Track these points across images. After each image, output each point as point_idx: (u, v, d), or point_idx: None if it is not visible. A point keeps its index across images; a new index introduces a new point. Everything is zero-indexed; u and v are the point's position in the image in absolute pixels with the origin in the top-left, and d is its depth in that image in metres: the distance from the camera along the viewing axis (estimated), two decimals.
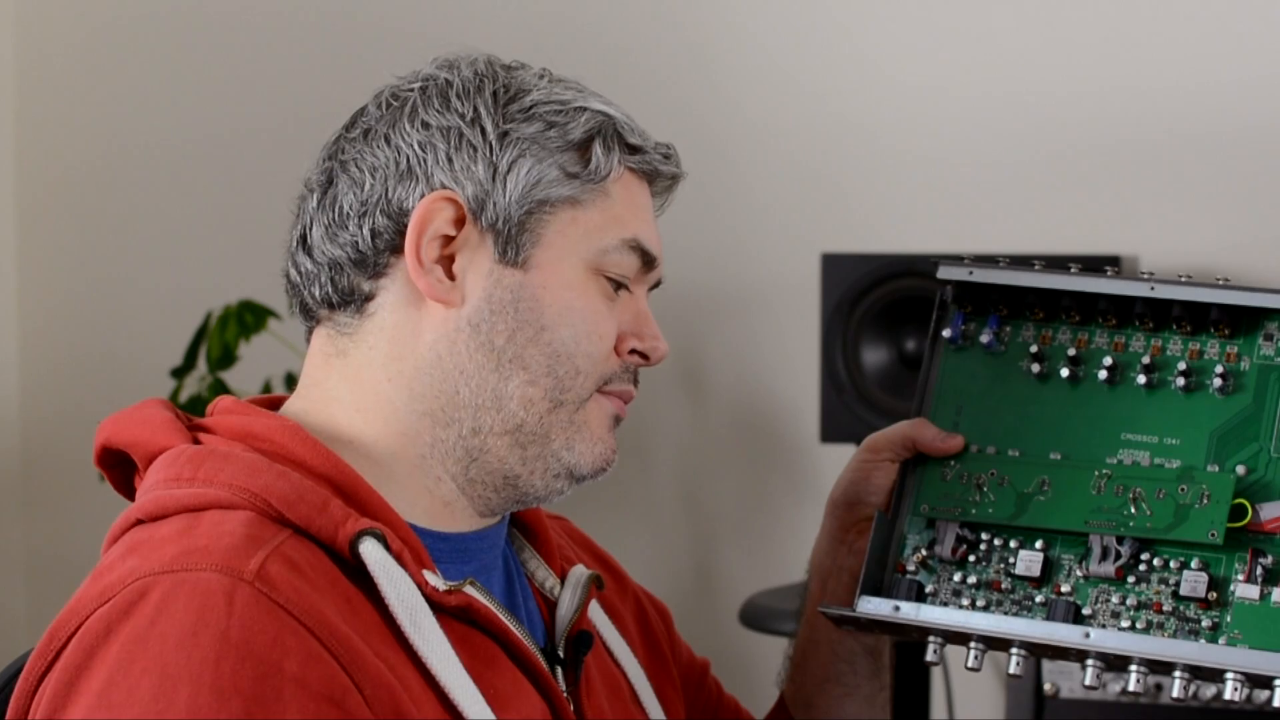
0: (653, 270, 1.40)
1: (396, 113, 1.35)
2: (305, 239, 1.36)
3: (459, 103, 1.34)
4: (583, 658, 1.39)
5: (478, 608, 1.30)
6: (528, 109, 1.34)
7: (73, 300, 3.35)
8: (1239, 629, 1.36)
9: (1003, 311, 1.51)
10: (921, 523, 1.47)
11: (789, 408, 2.91)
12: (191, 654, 1.15)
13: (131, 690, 1.14)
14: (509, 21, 3.05)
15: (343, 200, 1.34)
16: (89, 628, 1.19)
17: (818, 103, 2.90)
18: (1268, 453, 1.40)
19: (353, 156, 1.35)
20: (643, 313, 1.39)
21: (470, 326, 1.32)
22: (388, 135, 1.34)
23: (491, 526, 1.39)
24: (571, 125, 1.34)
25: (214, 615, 1.16)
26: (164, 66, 3.27)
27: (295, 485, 1.26)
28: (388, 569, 1.25)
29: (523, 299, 1.33)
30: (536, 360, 1.32)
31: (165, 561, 1.20)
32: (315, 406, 1.36)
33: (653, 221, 1.40)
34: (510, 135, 1.33)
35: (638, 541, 2.99)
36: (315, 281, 1.35)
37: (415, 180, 1.33)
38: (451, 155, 1.33)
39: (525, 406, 1.33)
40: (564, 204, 1.34)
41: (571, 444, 1.35)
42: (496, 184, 1.32)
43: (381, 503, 1.29)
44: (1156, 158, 2.71)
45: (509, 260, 1.33)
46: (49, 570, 3.34)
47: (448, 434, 1.33)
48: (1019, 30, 2.80)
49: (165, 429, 1.32)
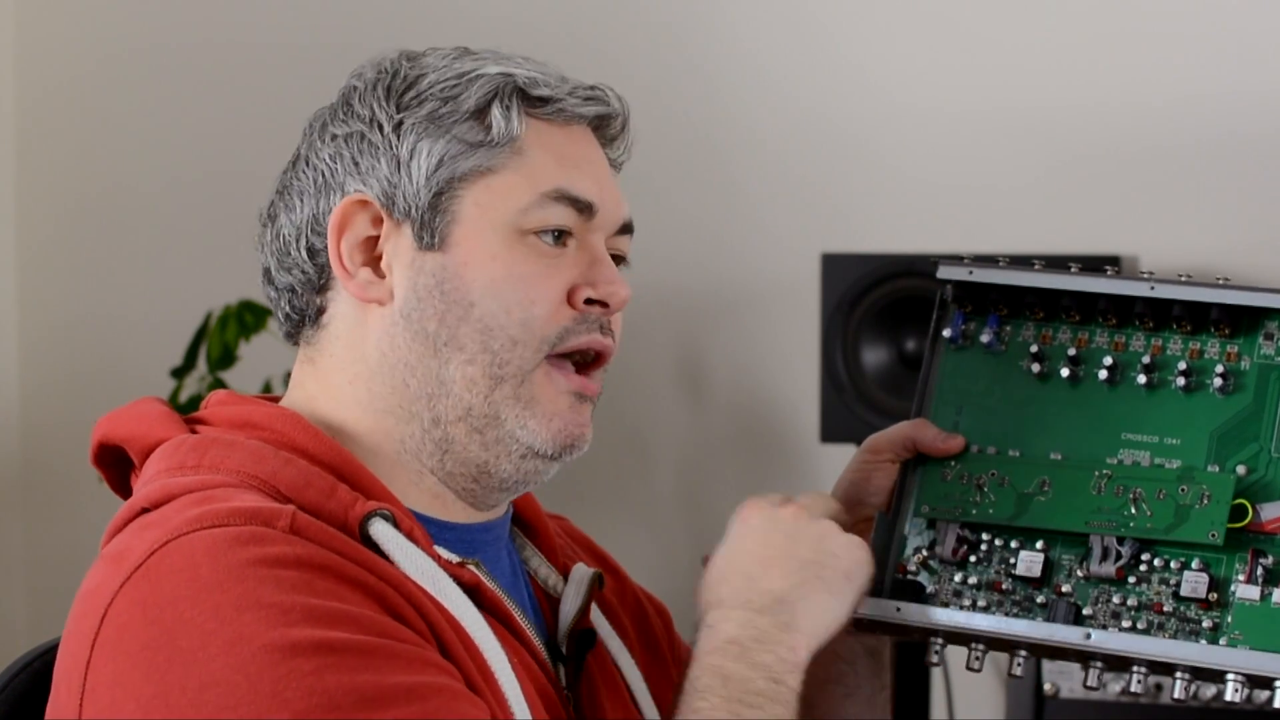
0: (594, 215, 1.37)
1: (314, 133, 1.38)
2: (267, 271, 1.39)
3: (359, 107, 1.36)
4: (585, 655, 1.40)
5: (485, 590, 1.30)
6: (421, 93, 1.35)
7: (73, 300, 3.35)
8: (1239, 630, 1.36)
9: (1003, 311, 1.50)
10: (922, 523, 1.47)
11: (789, 408, 2.91)
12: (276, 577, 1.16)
13: (238, 630, 1.14)
14: (507, 25, 3.05)
15: (283, 230, 1.37)
16: (134, 600, 1.18)
17: (818, 103, 2.90)
18: (1268, 453, 1.40)
19: (286, 185, 1.38)
20: (597, 259, 1.36)
21: (404, 318, 1.33)
22: (308, 157, 1.37)
23: (496, 519, 1.39)
24: (464, 96, 1.34)
25: (273, 545, 1.18)
26: (164, 67, 3.27)
27: (302, 470, 1.27)
28: (401, 544, 1.26)
29: (446, 280, 1.33)
30: (470, 338, 1.32)
31: (189, 521, 1.20)
32: (301, 404, 1.38)
33: (587, 166, 1.38)
34: (405, 123, 1.34)
35: (638, 541, 2.99)
36: (278, 307, 1.39)
37: (332, 192, 1.35)
38: (357, 159, 1.35)
39: (468, 388, 1.33)
40: (475, 175, 1.33)
41: (524, 421, 1.34)
42: (401, 174, 1.33)
43: (384, 489, 1.30)
44: (1156, 158, 2.71)
45: (427, 245, 1.33)
46: (49, 570, 3.34)
47: (412, 429, 1.34)
48: (1019, 31, 2.80)
49: (161, 422, 1.33)
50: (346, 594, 1.18)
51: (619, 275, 1.37)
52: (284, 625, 1.14)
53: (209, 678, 1.14)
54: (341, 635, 1.15)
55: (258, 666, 1.13)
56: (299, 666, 1.13)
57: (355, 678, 1.14)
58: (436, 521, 1.34)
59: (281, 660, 1.13)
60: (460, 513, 1.37)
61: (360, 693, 1.13)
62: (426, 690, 1.16)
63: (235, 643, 1.14)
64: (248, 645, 1.14)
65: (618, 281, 1.37)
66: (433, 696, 1.16)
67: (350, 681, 1.13)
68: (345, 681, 1.13)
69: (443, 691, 1.17)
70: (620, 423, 2.98)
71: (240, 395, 1.37)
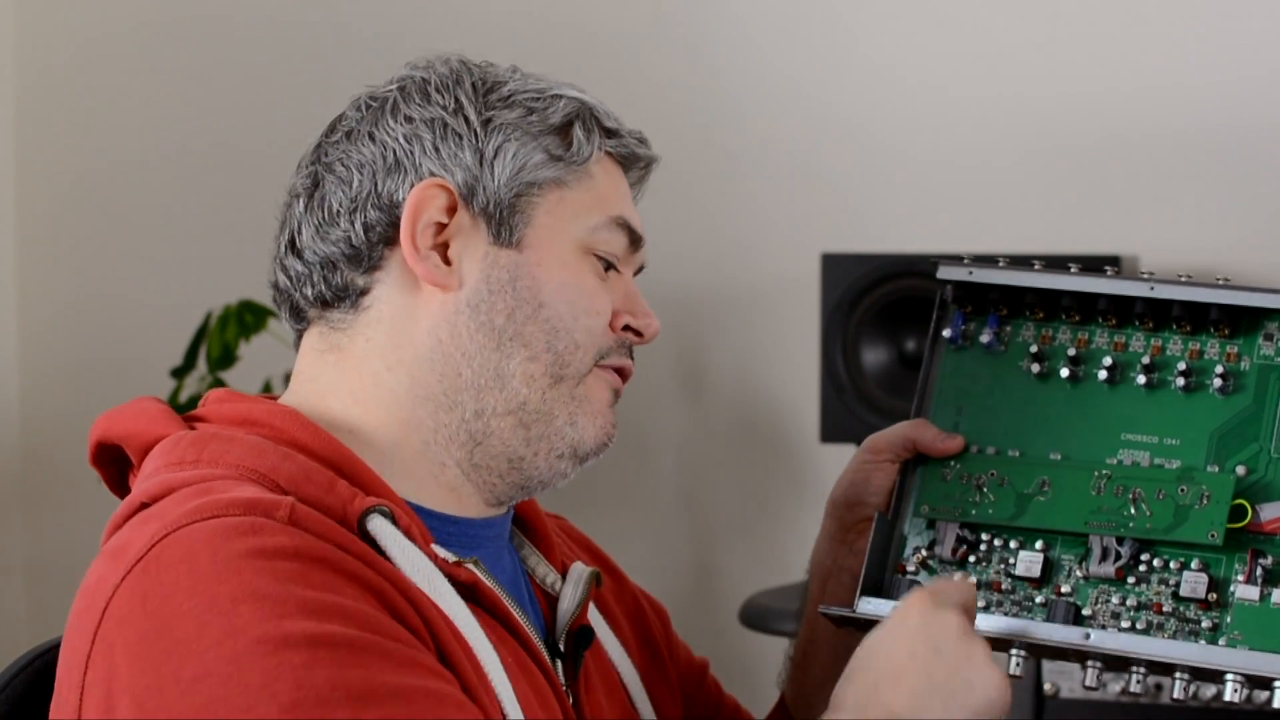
0: (638, 251, 1.42)
1: (377, 112, 1.38)
2: (294, 242, 1.38)
3: (439, 95, 1.37)
4: (582, 653, 1.40)
5: (483, 589, 1.30)
6: (506, 97, 1.38)
7: (73, 300, 3.35)
8: (1239, 630, 1.36)
9: (1003, 311, 1.51)
10: (922, 523, 1.47)
11: (789, 408, 2.91)
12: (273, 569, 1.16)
13: (232, 621, 1.14)
14: (509, 22, 3.05)
15: (331, 199, 1.36)
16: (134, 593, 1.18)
17: (818, 103, 2.90)
18: (1268, 453, 1.40)
19: (337, 157, 1.37)
20: (633, 291, 1.42)
21: (470, 308, 1.34)
22: (371, 133, 1.37)
23: (498, 516, 1.40)
24: (551, 110, 1.38)
25: (271, 536, 1.18)
26: (164, 66, 3.27)
27: (301, 465, 1.27)
28: (398, 541, 1.26)
29: (519, 277, 1.35)
30: (536, 337, 1.35)
31: (188, 513, 1.20)
32: (310, 400, 1.37)
33: (632, 204, 1.43)
34: (494, 122, 1.36)
35: (638, 541, 2.99)
36: (307, 282, 1.37)
37: (404, 172, 1.35)
38: (438, 145, 1.36)
39: (527, 383, 1.35)
40: (550, 185, 1.37)
41: (575, 419, 1.37)
42: (484, 169, 1.35)
43: (383, 485, 1.30)
44: (1156, 158, 2.71)
45: (503, 241, 1.35)
46: (49, 570, 3.34)
47: (451, 418, 1.35)
48: (1019, 31, 2.80)
49: (160, 420, 1.33)
50: (343, 587, 1.18)
51: (650, 309, 1.43)
52: (277, 617, 1.14)
53: (202, 669, 1.14)
54: (334, 629, 1.15)
55: (250, 659, 1.13)
56: (289, 659, 1.13)
57: (345, 673, 1.13)
58: (440, 515, 1.35)
59: (272, 652, 1.13)
60: (471, 508, 1.37)
61: (348, 689, 1.13)
62: (415, 693, 1.16)
63: (229, 634, 1.14)
64: (241, 637, 1.14)
65: (653, 315, 1.42)
66: (421, 699, 1.16)
67: (339, 677, 1.13)
68: (334, 676, 1.13)
69: (431, 695, 1.17)
70: (620, 423, 2.97)
71: (238, 393, 1.37)
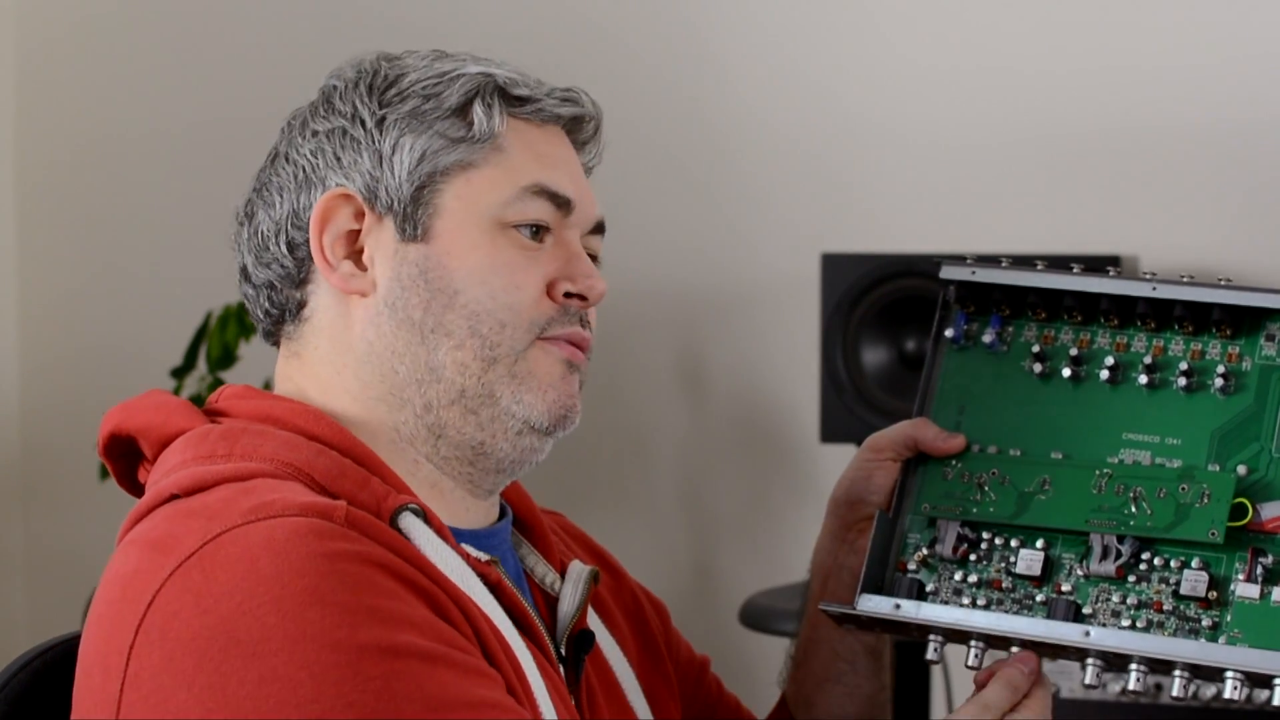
0: (570, 213, 1.39)
1: (294, 130, 1.41)
2: (244, 269, 1.41)
3: (341, 104, 1.39)
4: (583, 657, 1.40)
5: (506, 589, 1.31)
6: (403, 90, 1.38)
7: (73, 300, 3.35)
8: (1239, 628, 1.36)
9: (1005, 311, 1.51)
10: (923, 522, 1.47)
11: (789, 408, 2.91)
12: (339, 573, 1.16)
13: (300, 626, 1.14)
14: (510, 21, 3.05)
15: (262, 226, 1.39)
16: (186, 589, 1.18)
17: (818, 102, 2.90)
18: (1269, 453, 1.40)
19: (264, 182, 1.41)
20: (574, 254, 1.39)
21: (388, 308, 1.35)
22: (287, 154, 1.40)
23: (498, 524, 1.40)
24: (447, 93, 1.37)
25: (334, 541, 1.18)
26: (164, 65, 3.27)
27: (335, 461, 1.28)
28: (431, 540, 1.27)
29: (430, 269, 1.35)
30: (457, 324, 1.34)
31: (244, 513, 1.20)
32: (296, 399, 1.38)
33: (564, 165, 1.40)
34: (388, 119, 1.37)
35: (638, 541, 2.99)
36: (257, 304, 1.41)
37: (314, 187, 1.37)
38: (339, 154, 1.37)
39: (460, 371, 1.35)
40: (455, 169, 1.36)
41: (519, 396, 1.36)
42: (384, 168, 1.36)
43: (404, 484, 1.32)
44: (1158, 158, 2.71)
45: (409, 236, 1.36)
46: (49, 568, 3.34)
47: (405, 415, 1.35)
48: (1020, 30, 2.80)
49: (179, 413, 1.34)
50: (404, 594, 1.19)
51: (595, 270, 1.40)
52: (350, 625, 1.15)
53: (270, 672, 1.14)
54: (408, 639, 1.16)
55: (323, 665, 1.13)
56: (366, 669, 1.14)
57: (422, 685, 1.15)
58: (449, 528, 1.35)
59: (349, 661, 1.14)
60: (459, 509, 1.37)
61: (426, 700, 1.15)
62: (484, 704, 1.17)
63: (299, 639, 1.14)
64: (313, 643, 1.14)
65: (595, 276, 1.39)
66: (489, 710, 1.17)
67: (417, 688, 1.14)
68: (412, 688, 1.14)
69: (498, 706, 1.19)
70: (621, 422, 2.99)
71: (256, 389, 1.38)
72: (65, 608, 3.14)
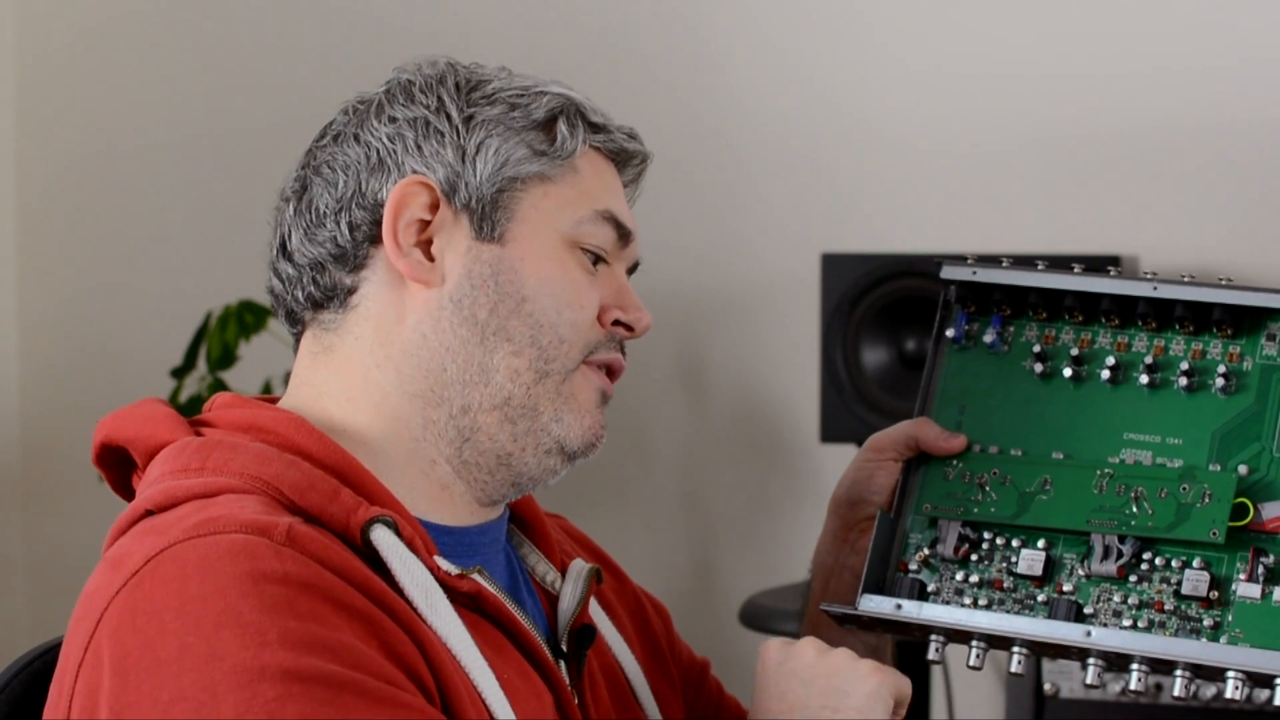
0: (628, 245, 1.42)
1: (363, 114, 1.39)
2: (285, 246, 1.39)
3: (423, 95, 1.38)
4: (585, 652, 1.40)
5: (487, 596, 1.31)
6: (490, 95, 1.38)
7: (73, 300, 3.35)
8: (1240, 628, 1.36)
9: (1006, 311, 1.51)
10: (924, 522, 1.47)
11: (789, 408, 2.91)
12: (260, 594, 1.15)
13: (212, 646, 1.14)
14: (510, 21, 3.05)
15: (318, 202, 1.37)
16: (126, 607, 1.18)
17: (818, 103, 2.91)
18: (1270, 452, 1.41)
19: (324, 160, 1.39)
20: (623, 286, 1.41)
21: (453, 303, 1.35)
22: (357, 134, 1.38)
23: (492, 521, 1.40)
24: (534, 106, 1.38)
25: (264, 560, 1.17)
26: (164, 66, 3.27)
27: (306, 474, 1.27)
28: (400, 554, 1.26)
29: (502, 272, 1.35)
30: (520, 331, 1.35)
31: (187, 530, 1.20)
32: (307, 402, 1.37)
33: (623, 199, 1.43)
34: (475, 118, 1.37)
35: (638, 541, 2.99)
36: (298, 284, 1.38)
37: (387, 171, 1.36)
38: (420, 143, 1.37)
39: (511, 378, 1.35)
40: (534, 180, 1.37)
41: (560, 415, 1.36)
42: (466, 165, 1.36)
43: (387, 493, 1.30)
44: (1158, 158, 2.71)
45: (485, 236, 1.36)
46: (49, 570, 3.34)
47: (438, 414, 1.35)
48: (1020, 31, 2.80)
49: (166, 424, 1.33)
50: (329, 616, 1.18)
51: (641, 303, 1.42)
52: (257, 646, 1.14)
53: (178, 692, 1.14)
54: (313, 663, 1.15)
55: (225, 686, 1.13)
56: (262, 692, 1.13)
57: (317, 711, 1.13)
58: (435, 526, 1.34)
59: (248, 683, 1.13)
60: (464, 508, 1.37)
61: None
62: None
63: (208, 659, 1.14)
64: (219, 664, 1.14)
65: (643, 309, 1.42)
66: None
67: (310, 715, 1.13)
68: (306, 713, 1.13)
69: None
70: (620, 423, 2.98)
71: (245, 398, 1.37)
72: (65, 609, 3.12)
